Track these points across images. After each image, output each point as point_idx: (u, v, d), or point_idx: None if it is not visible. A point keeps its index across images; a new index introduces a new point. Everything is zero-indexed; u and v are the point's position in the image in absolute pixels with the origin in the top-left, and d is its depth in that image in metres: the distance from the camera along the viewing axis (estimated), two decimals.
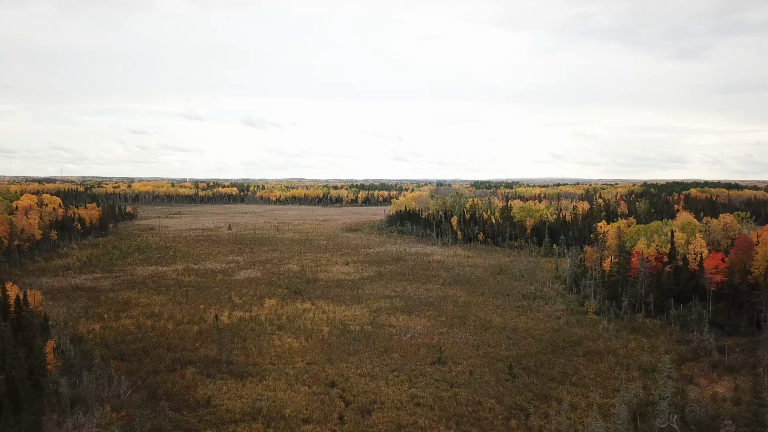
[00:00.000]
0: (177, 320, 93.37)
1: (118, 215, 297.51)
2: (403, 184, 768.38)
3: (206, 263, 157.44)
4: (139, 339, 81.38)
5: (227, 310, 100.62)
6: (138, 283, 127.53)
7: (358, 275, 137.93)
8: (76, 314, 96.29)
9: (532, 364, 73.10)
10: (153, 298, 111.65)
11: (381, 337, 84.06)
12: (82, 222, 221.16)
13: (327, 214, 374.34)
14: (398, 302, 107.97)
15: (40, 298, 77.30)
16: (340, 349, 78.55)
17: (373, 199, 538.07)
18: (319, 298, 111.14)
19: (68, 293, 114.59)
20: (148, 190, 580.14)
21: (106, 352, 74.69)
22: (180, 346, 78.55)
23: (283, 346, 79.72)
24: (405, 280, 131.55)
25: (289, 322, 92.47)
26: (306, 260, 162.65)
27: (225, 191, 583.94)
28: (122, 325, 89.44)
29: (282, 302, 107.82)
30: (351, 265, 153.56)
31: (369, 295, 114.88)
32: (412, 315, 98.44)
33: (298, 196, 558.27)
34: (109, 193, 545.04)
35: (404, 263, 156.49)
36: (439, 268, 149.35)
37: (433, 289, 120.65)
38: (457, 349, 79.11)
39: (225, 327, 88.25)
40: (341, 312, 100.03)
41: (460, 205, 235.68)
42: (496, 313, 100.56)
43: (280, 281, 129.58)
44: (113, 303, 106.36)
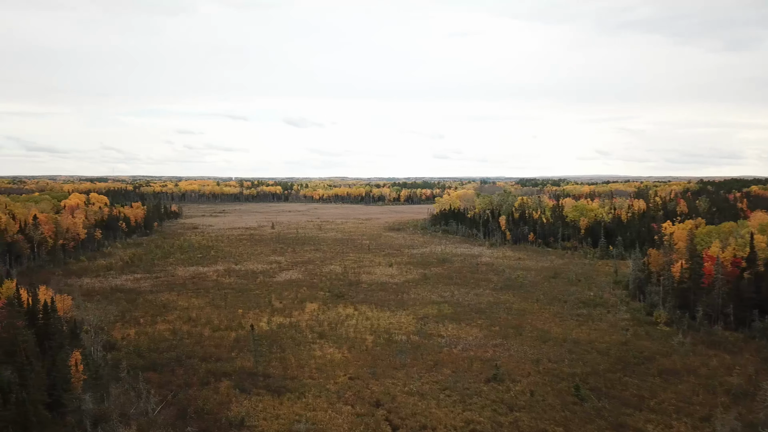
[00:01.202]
0: (214, 326, 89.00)
1: (163, 214, 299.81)
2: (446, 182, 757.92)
3: (248, 263, 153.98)
4: (174, 347, 77.08)
5: (266, 315, 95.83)
6: (178, 284, 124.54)
7: (403, 278, 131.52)
8: (113, 318, 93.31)
9: (601, 384, 65.10)
10: (191, 300, 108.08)
11: (429, 349, 77.40)
12: (127, 221, 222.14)
13: (369, 213, 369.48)
14: (446, 309, 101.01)
15: (70, 304, 73.85)
16: (385, 361, 72.30)
17: (416, 198, 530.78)
18: (362, 303, 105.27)
19: (107, 295, 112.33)
20: (194, 188, 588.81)
21: (138, 361, 70.54)
22: (215, 356, 73.82)
23: (324, 357, 74.01)
24: (452, 284, 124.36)
25: (330, 330, 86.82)
26: (348, 261, 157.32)
27: (269, 190, 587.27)
28: (158, 331, 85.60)
29: (323, 307, 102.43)
30: (395, 266, 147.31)
31: (414, 300, 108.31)
32: (462, 324, 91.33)
33: (341, 194, 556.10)
34: (157, 192, 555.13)
35: (450, 265, 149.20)
36: (488, 270, 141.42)
37: (483, 295, 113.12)
38: (514, 364, 71.73)
39: (263, 334, 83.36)
40: (386, 319, 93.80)
41: (508, 204, 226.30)
42: (553, 323, 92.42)
43: (322, 283, 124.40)
44: (151, 306, 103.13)
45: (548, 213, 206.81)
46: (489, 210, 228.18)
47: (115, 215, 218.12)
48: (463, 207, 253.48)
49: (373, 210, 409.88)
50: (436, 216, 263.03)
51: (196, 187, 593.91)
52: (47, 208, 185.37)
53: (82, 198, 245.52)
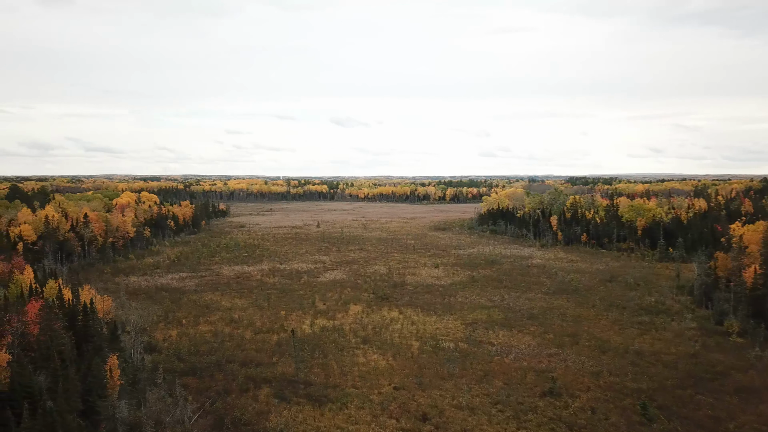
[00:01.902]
0: (256, 328, 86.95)
1: (211, 212, 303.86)
2: (493, 181, 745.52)
3: (292, 263, 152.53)
4: (215, 350, 75.20)
5: (309, 317, 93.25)
6: (222, 284, 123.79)
7: (449, 280, 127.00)
8: (156, 318, 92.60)
9: (671, 402, 59.25)
10: (235, 301, 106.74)
11: (479, 358, 72.93)
12: (175, 219, 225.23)
13: (414, 212, 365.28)
14: (496, 314, 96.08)
15: (110, 304, 72.83)
16: (432, 370, 68.29)
17: (462, 196, 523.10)
18: (407, 306, 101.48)
19: (152, 294, 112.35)
20: (243, 187, 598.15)
21: (178, 365, 68.86)
22: (256, 360, 71.44)
23: (368, 364, 70.59)
24: (502, 287, 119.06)
25: (374, 334, 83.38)
26: (393, 261, 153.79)
27: (315, 189, 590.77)
28: (199, 332, 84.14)
29: (368, 309, 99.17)
30: (441, 268, 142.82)
31: (462, 304, 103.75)
32: (514, 330, 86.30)
33: (386, 193, 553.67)
34: (207, 191, 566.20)
35: (500, 267, 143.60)
36: (539, 273, 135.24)
37: (535, 299, 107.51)
38: (571, 376, 66.51)
39: (306, 338, 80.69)
40: (432, 324, 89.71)
41: (560, 203, 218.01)
42: (612, 331, 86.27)
43: (366, 285, 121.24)
44: (194, 306, 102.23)
45: (602, 213, 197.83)
46: (539, 209, 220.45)
47: (164, 214, 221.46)
48: (512, 206, 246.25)
49: (418, 209, 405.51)
50: (484, 215, 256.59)
51: (245, 186, 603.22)
52: (99, 207, 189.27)
53: (133, 197, 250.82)
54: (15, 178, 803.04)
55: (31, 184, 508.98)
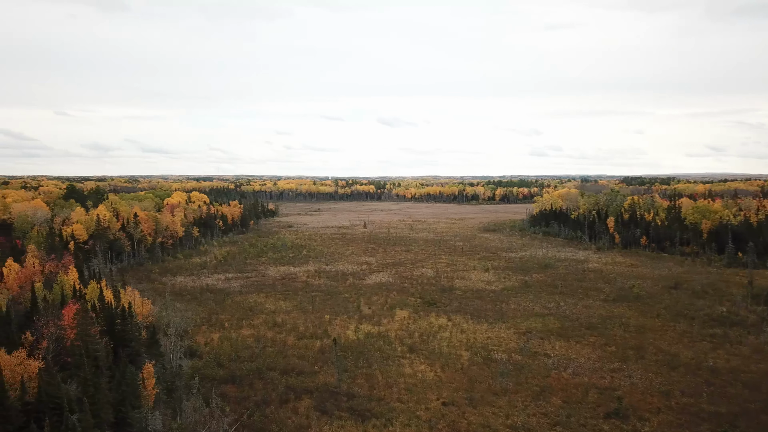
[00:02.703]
0: (299, 333, 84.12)
1: (260, 212, 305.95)
2: (544, 181, 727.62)
3: (338, 264, 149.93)
4: (256, 356, 72.58)
5: (354, 323, 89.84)
6: (267, 285, 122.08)
7: (501, 285, 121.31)
8: (199, 320, 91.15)
9: (756, 429, 52.66)
10: (279, 303, 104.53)
11: (535, 371, 67.66)
12: (224, 219, 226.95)
13: (462, 212, 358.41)
14: (552, 322, 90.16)
15: (150, 308, 71.22)
16: (483, 384, 63.53)
17: (512, 197, 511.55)
18: (456, 312, 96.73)
19: (197, 294, 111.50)
20: (292, 187, 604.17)
21: (218, 371, 66.50)
22: (297, 368, 68.37)
23: (415, 375, 66.44)
24: (557, 293, 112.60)
25: (422, 343, 79.13)
26: (441, 264, 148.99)
27: (362, 189, 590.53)
28: (242, 336, 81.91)
29: (415, 315, 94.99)
30: (491, 271, 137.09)
31: (515, 311, 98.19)
32: (572, 341, 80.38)
33: (433, 193, 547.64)
34: (257, 191, 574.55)
35: (554, 271, 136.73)
36: (596, 278, 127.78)
37: (593, 307, 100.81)
38: (638, 395, 60.48)
39: (350, 344, 77.25)
40: (483, 332, 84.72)
41: (617, 204, 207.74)
42: (681, 344, 79.16)
43: (413, 288, 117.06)
44: (238, 308, 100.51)
45: (662, 214, 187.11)
46: (594, 210, 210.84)
47: (213, 213, 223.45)
48: (566, 207, 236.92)
49: (466, 209, 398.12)
50: (536, 216, 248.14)
51: (294, 186, 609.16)
52: (150, 207, 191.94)
53: (184, 196, 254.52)
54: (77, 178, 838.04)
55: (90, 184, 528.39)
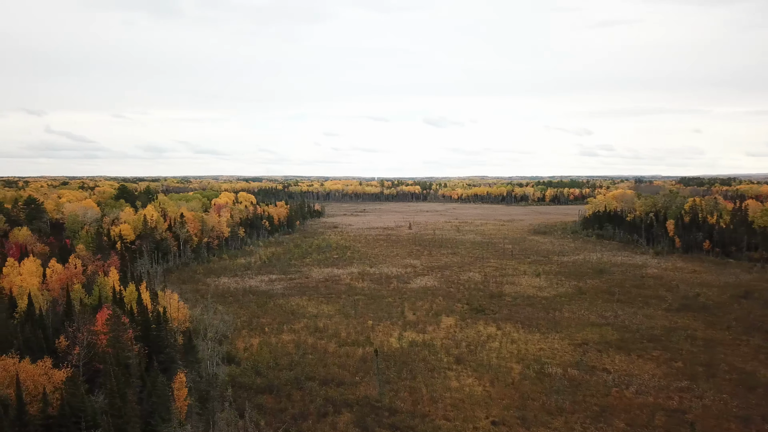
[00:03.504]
0: (341, 339, 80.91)
1: (306, 213, 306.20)
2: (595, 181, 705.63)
3: (382, 266, 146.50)
4: (295, 364, 69.69)
5: (398, 329, 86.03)
6: (310, 287, 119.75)
7: (553, 291, 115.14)
8: (240, 324, 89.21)
9: None
10: (321, 307, 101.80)
11: (593, 389, 62.18)
12: (270, 220, 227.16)
13: (511, 214, 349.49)
14: (610, 333, 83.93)
15: (186, 313, 69.24)
16: (536, 402, 58.60)
17: (563, 198, 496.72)
18: (505, 320, 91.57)
19: (240, 297, 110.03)
20: (338, 188, 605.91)
21: (255, 380, 63.85)
22: (338, 378, 65.07)
23: (462, 389, 62.05)
24: (614, 300, 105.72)
25: (469, 353, 74.60)
26: (489, 268, 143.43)
27: (408, 189, 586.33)
28: (282, 342, 79.33)
29: (462, 322, 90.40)
30: (543, 277, 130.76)
31: (569, 320, 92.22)
32: (633, 355, 74.20)
33: (481, 194, 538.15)
34: (304, 191, 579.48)
35: (610, 277, 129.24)
36: (657, 285, 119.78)
37: (655, 317, 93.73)
38: (712, 420, 54.36)
39: (393, 353, 73.51)
40: (535, 343, 79.42)
41: (676, 206, 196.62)
42: (757, 361, 71.89)
43: (460, 294, 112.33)
44: (280, 311, 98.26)
45: (726, 217, 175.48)
46: (652, 213, 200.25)
47: (259, 214, 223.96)
48: (620, 209, 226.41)
49: (515, 210, 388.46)
50: (589, 218, 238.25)
51: (340, 187, 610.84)
52: (197, 207, 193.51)
53: (231, 197, 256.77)
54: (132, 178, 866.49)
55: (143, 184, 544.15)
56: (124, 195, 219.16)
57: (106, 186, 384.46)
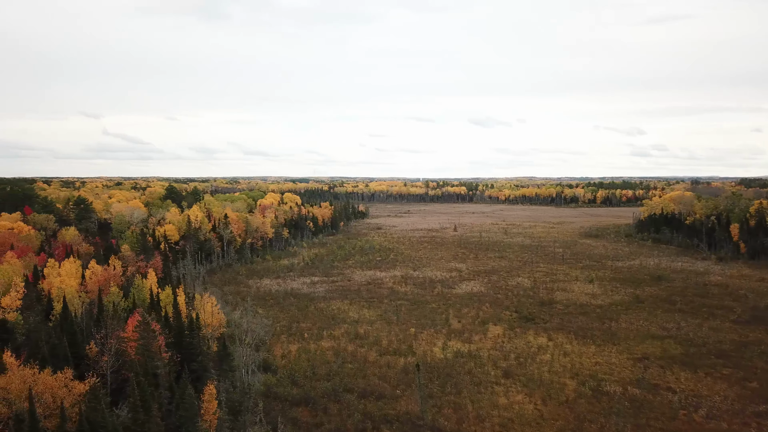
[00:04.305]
0: (382, 347, 77.33)
1: (350, 213, 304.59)
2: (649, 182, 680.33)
3: (426, 270, 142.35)
4: (334, 373, 66.48)
5: (442, 338, 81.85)
6: (352, 291, 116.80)
7: (608, 299, 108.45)
8: (279, 328, 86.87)
9: None
10: (363, 312, 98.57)
11: (658, 411, 56.48)
12: (314, 221, 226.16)
13: (561, 216, 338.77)
14: (673, 347, 77.35)
15: (222, 319, 66.94)
16: (594, 425, 53.44)
17: (615, 199, 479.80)
18: (557, 330, 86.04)
19: (281, 299, 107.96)
20: (383, 189, 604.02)
21: (291, 391, 60.88)
22: (378, 390, 61.45)
23: (511, 407, 57.44)
24: (676, 310, 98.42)
25: (518, 366, 69.75)
26: (538, 273, 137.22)
27: (453, 190, 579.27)
28: (321, 349, 76.36)
29: (510, 332, 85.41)
30: (596, 283, 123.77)
31: (627, 331, 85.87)
32: (700, 372, 67.74)
33: (529, 195, 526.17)
34: (349, 192, 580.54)
35: (669, 284, 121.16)
36: (722, 294, 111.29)
37: (722, 329, 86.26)
38: None
39: (436, 364, 69.47)
40: (590, 356, 73.81)
41: (741, 209, 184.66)
42: None
43: (508, 300, 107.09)
44: (320, 316, 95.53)
45: None
46: (714, 216, 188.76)
47: (303, 215, 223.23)
48: (678, 211, 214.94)
49: (565, 212, 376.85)
50: (644, 221, 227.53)
51: (385, 188, 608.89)
52: (242, 208, 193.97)
53: (277, 197, 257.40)
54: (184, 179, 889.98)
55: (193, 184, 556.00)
56: (172, 195, 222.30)
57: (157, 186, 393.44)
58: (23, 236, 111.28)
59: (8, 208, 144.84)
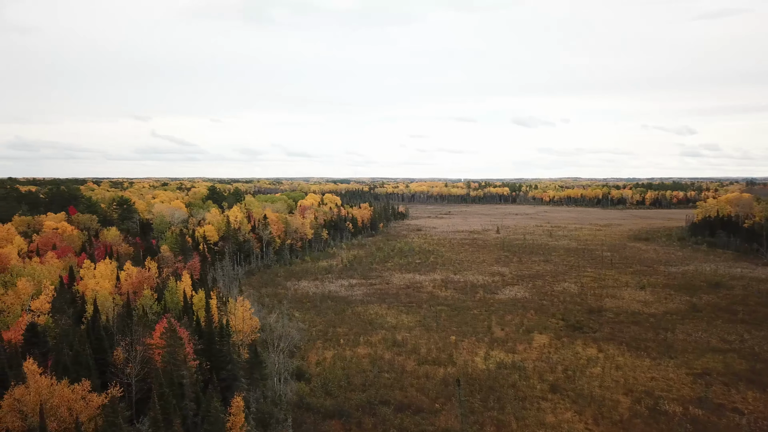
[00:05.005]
0: (421, 356, 73.93)
1: (390, 215, 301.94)
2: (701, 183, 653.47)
3: (467, 273, 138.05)
4: (369, 383, 63.50)
5: (484, 347, 77.85)
6: (390, 294, 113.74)
7: (662, 307, 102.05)
8: (315, 333, 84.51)
9: None
10: (401, 317, 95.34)
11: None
12: (354, 222, 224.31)
13: (608, 218, 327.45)
14: (737, 362, 71.27)
15: (255, 324, 64.68)
16: None
17: (665, 201, 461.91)
18: (608, 341, 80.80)
19: (318, 302, 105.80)
20: (423, 190, 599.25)
21: (324, 402, 58.16)
22: (415, 404, 58.10)
23: (559, 426, 53.20)
24: (738, 321, 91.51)
25: (566, 380, 65.23)
26: (586, 278, 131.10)
27: (496, 191, 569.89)
28: (357, 356, 73.53)
29: (556, 341, 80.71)
30: (648, 290, 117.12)
31: (684, 343, 79.94)
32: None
33: (574, 196, 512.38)
34: (389, 193, 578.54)
35: (729, 292, 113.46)
36: None
37: None
38: None
39: (478, 376, 65.63)
40: (645, 370, 68.58)
41: None
42: None
43: (554, 307, 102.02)
44: (357, 320, 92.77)
45: None
46: None
47: (343, 216, 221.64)
48: (735, 214, 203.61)
49: (612, 214, 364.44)
50: (697, 224, 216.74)
51: (425, 188, 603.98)
52: (282, 208, 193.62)
53: (317, 198, 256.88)
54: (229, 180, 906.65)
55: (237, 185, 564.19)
56: (214, 196, 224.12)
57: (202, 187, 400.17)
58: (66, 236, 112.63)
59: (55, 208, 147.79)
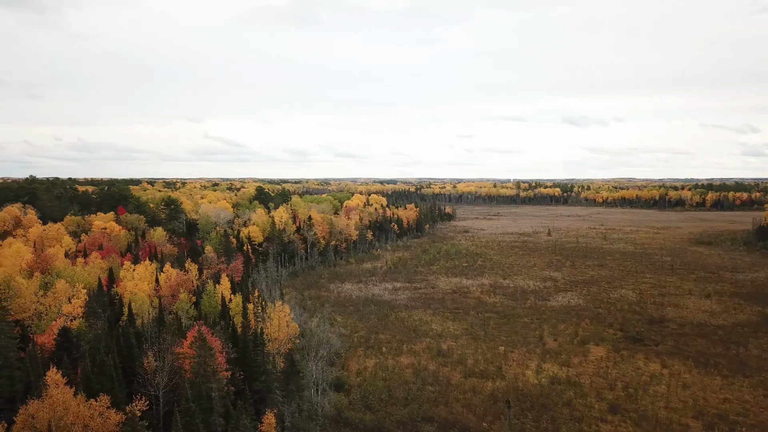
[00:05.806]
0: (467, 368, 69.68)
1: (436, 216, 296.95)
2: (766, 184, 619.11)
3: (517, 278, 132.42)
4: (412, 398, 59.76)
5: (535, 359, 72.96)
6: (436, 299, 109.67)
7: (731, 318, 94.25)
8: (356, 340, 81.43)
9: None
10: (447, 324, 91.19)
11: None
12: (399, 223, 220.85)
13: (666, 220, 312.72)
14: None
15: (293, 331, 61.74)
16: None
17: (727, 202, 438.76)
18: (672, 355, 74.47)
19: (361, 306, 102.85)
20: (471, 190, 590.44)
21: (363, 417, 54.78)
22: (461, 421, 54.03)
23: None
24: None
25: (627, 399, 59.76)
26: (645, 285, 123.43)
27: (546, 192, 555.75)
28: (399, 366, 69.95)
29: (615, 354, 74.95)
30: (714, 298, 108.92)
31: (760, 360, 72.77)
32: None
33: (629, 197, 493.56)
34: (436, 194, 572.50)
35: None
36: None
37: None
38: None
39: (529, 391, 60.96)
40: (716, 390, 62.27)
41: None
42: None
43: (611, 316, 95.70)
44: (401, 327, 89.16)
45: None
46: None
47: (388, 217, 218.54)
48: None
49: (670, 217, 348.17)
50: (765, 227, 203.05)
51: (473, 189, 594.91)
52: (327, 209, 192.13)
53: (363, 199, 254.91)
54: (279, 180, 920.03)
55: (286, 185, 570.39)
56: (261, 196, 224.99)
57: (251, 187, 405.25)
58: (114, 236, 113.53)
59: (105, 208, 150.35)
